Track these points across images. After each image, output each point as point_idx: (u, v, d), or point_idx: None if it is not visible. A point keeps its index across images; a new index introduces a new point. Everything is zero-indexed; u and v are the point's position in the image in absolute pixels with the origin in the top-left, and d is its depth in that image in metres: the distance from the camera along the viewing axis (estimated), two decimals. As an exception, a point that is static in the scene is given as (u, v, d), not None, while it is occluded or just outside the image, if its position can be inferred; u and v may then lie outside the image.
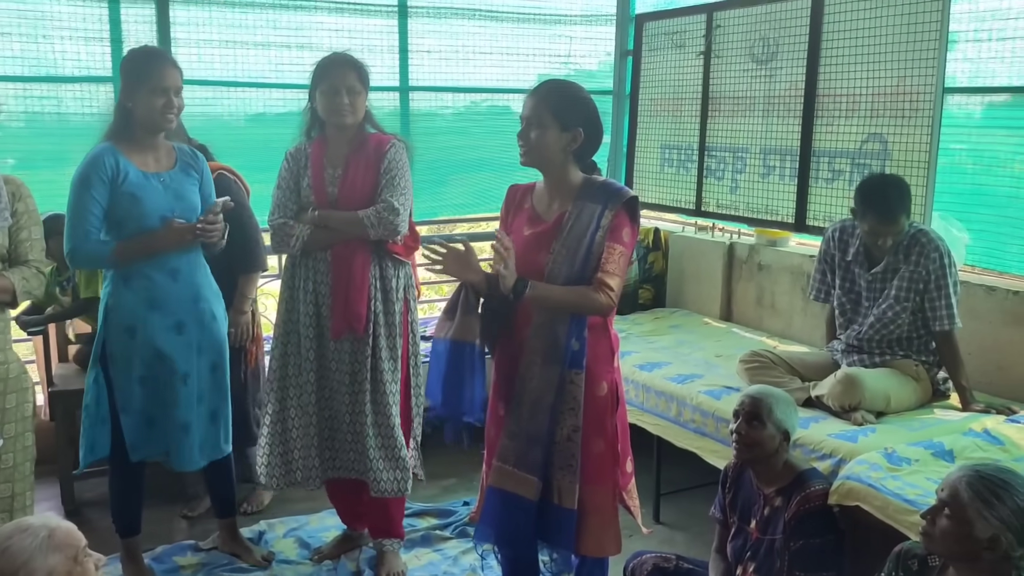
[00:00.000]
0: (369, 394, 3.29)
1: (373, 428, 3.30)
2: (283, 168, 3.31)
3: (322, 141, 3.28)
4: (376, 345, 3.29)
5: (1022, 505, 2.01)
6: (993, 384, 3.62)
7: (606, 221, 2.61)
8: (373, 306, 3.27)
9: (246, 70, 4.68)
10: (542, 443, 2.64)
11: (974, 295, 3.69)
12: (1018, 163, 3.78)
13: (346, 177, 3.23)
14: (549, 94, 2.64)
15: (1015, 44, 3.75)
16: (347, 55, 3.23)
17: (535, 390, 2.64)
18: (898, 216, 3.39)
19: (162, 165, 3.18)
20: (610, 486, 2.75)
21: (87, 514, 4.02)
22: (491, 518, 2.74)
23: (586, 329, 2.64)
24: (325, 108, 3.18)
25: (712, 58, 4.85)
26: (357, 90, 3.18)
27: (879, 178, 3.53)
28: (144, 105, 3.05)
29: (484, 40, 5.29)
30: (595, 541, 2.73)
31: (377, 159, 3.24)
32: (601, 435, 2.71)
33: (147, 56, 3.15)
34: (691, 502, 4.08)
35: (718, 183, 4.89)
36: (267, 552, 3.62)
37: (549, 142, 2.63)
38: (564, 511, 2.66)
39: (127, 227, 3.07)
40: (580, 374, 2.63)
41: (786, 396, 2.88)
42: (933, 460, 2.85)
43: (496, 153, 5.43)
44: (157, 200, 3.09)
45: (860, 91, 4.05)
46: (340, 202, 3.22)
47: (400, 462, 3.33)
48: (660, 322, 4.86)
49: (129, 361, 3.15)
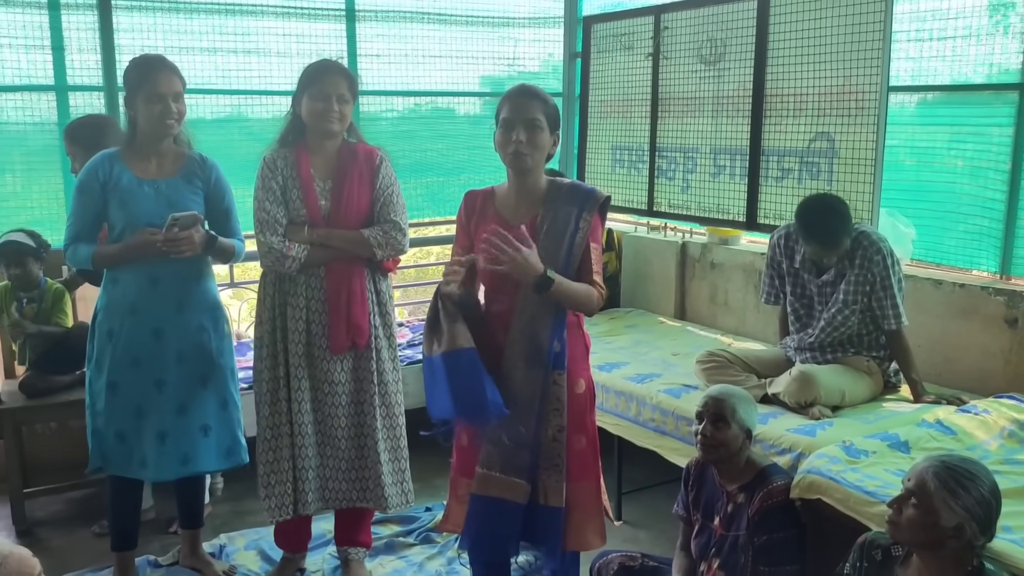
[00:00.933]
0: (378, 409, 3.26)
1: (383, 443, 3.27)
2: (264, 177, 3.18)
3: (304, 150, 3.20)
4: (379, 358, 3.26)
5: (986, 495, 2.07)
6: (942, 375, 3.71)
7: (584, 223, 2.64)
8: (372, 319, 3.24)
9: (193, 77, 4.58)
10: (529, 446, 2.64)
11: (921, 289, 3.78)
12: (953, 158, 3.89)
13: (339, 190, 3.18)
14: (539, 95, 2.65)
15: (955, 43, 3.86)
16: (338, 63, 3.19)
17: (519, 394, 2.64)
18: (840, 241, 3.44)
19: (164, 172, 3.16)
20: (594, 481, 2.78)
21: (39, 534, 3.94)
22: (479, 526, 2.72)
23: (566, 329, 2.66)
24: (313, 114, 3.11)
25: (661, 59, 4.89)
26: (347, 99, 3.14)
27: (820, 205, 3.49)
28: (143, 113, 3.07)
29: (432, 44, 5.29)
30: (580, 536, 2.75)
31: (370, 173, 3.22)
32: (582, 432, 2.73)
33: (142, 64, 3.12)
34: (653, 500, 4.12)
35: (669, 183, 4.94)
36: (228, 566, 3.57)
37: (545, 144, 2.66)
38: (551, 510, 2.66)
39: (117, 230, 3.14)
40: (563, 374, 2.65)
41: (746, 394, 2.92)
42: (890, 451, 2.92)
43: (441, 156, 5.44)
44: (146, 207, 3.09)
45: (807, 91, 4.12)
46: (332, 215, 3.17)
47: (405, 474, 3.33)
48: (616, 322, 4.90)
49: (102, 364, 3.15)
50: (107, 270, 3.19)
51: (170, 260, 3.08)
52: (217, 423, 3.26)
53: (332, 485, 3.28)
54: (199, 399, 3.22)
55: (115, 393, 3.15)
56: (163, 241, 3.00)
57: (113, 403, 3.16)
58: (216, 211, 3.26)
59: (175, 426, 3.17)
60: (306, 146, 3.20)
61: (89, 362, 3.24)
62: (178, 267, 3.13)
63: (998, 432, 3.06)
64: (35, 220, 4.37)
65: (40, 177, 4.42)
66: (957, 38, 3.84)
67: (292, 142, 3.22)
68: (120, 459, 3.19)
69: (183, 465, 3.21)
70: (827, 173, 4.04)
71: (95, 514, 4.00)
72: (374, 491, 3.28)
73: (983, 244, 3.78)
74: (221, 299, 3.38)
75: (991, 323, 3.59)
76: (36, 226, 4.22)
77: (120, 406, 3.15)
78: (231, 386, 3.30)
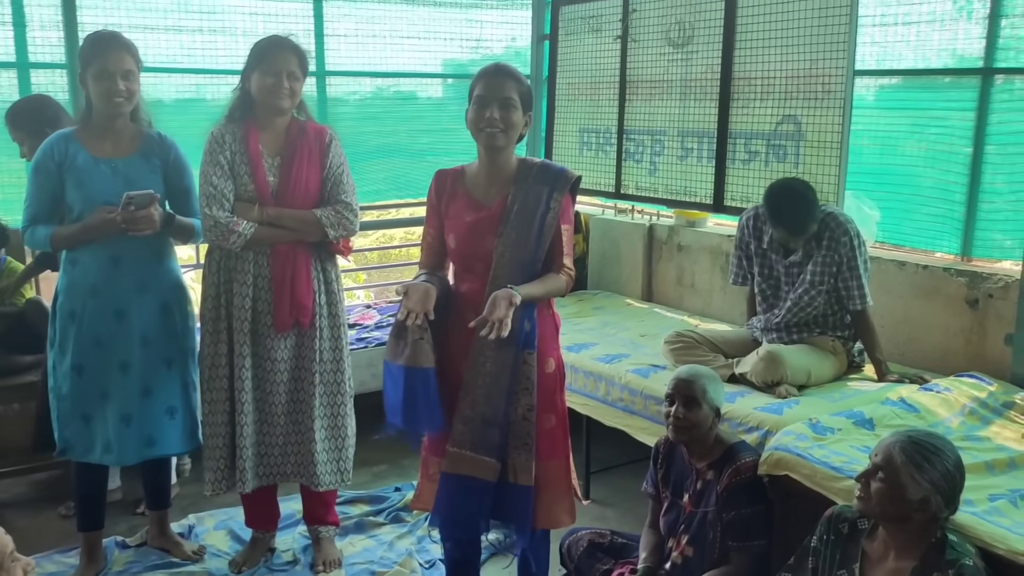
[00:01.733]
0: (317, 387, 3.25)
1: (320, 421, 3.26)
2: (212, 151, 3.11)
3: (253, 126, 3.16)
4: (322, 337, 3.24)
5: (951, 469, 2.12)
6: (905, 355, 3.78)
7: (555, 204, 2.66)
8: (318, 299, 3.23)
9: (157, 55, 4.55)
10: (499, 424, 2.66)
11: (885, 270, 3.85)
12: (916, 142, 3.95)
13: (287, 167, 3.14)
14: (513, 74, 2.66)
15: (919, 28, 3.91)
16: (289, 39, 3.14)
17: (489, 373, 2.65)
18: (806, 227, 3.49)
19: (121, 151, 3.12)
20: (563, 459, 2.81)
21: (3, 515, 3.89)
22: (449, 503, 2.74)
23: (535, 309, 2.68)
24: (262, 90, 3.07)
25: (629, 42, 4.91)
26: (297, 76, 3.10)
27: (787, 190, 3.52)
28: (93, 90, 3.04)
29: (400, 24, 5.25)
30: (549, 514, 2.78)
31: (320, 151, 3.19)
32: (552, 411, 2.76)
33: (94, 40, 3.07)
34: (620, 479, 4.17)
35: (637, 166, 4.96)
36: (198, 546, 3.55)
37: (517, 123, 2.67)
38: (521, 488, 2.68)
39: (75, 211, 3.09)
40: (533, 354, 2.67)
41: (713, 373, 2.96)
42: (855, 428, 2.97)
43: (406, 139, 5.41)
44: (102, 186, 3.05)
45: (774, 74, 4.15)
46: (280, 192, 3.14)
47: (343, 453, 3.32)
48: (584, 304, 4.93)
49: (65, 346, 3.12)
50: (67, 251, 3.15)
51: (130, 240, 3.05)
52: (182, 405, 3.25)
53: (268, 460, 3.28)
54: (164, 381, 3.20)
55: (81, 375, 3.12)
56: (121, 219, 2.97)
57: (79, 385, 3.13)
58: (175, 190, 3.22)
59: (140, 409, 3.15)
60: (255, 122, 3.16)
61: (52, 345, 3.20)
62: (139, 247, 3.10)
63: (959, 410, 3.13)
64: (-6, 201, 4.31)
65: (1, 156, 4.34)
66: (921, 23, 3.89)
67: (240, 118, 3.17)
68: (84, 444, 3.17)
69: (147, 447, 3.19)
70: (793, 156, 4.08)
71: (60, 496, 3.97)
72: (307, 467, 3.27)
73: (945, 226, 3.85)
74: (184, 280, 3.34)
75: (953, 304, 3.66)
76: (-4, 207, 4.16)
77: (86, 388, 3.13)
78: (192, 368, 3.29)
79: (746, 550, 2.75)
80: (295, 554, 3.53)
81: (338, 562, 3.45)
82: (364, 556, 3.53)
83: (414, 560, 3.49)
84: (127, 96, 3.06)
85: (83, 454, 3.18)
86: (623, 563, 3.04)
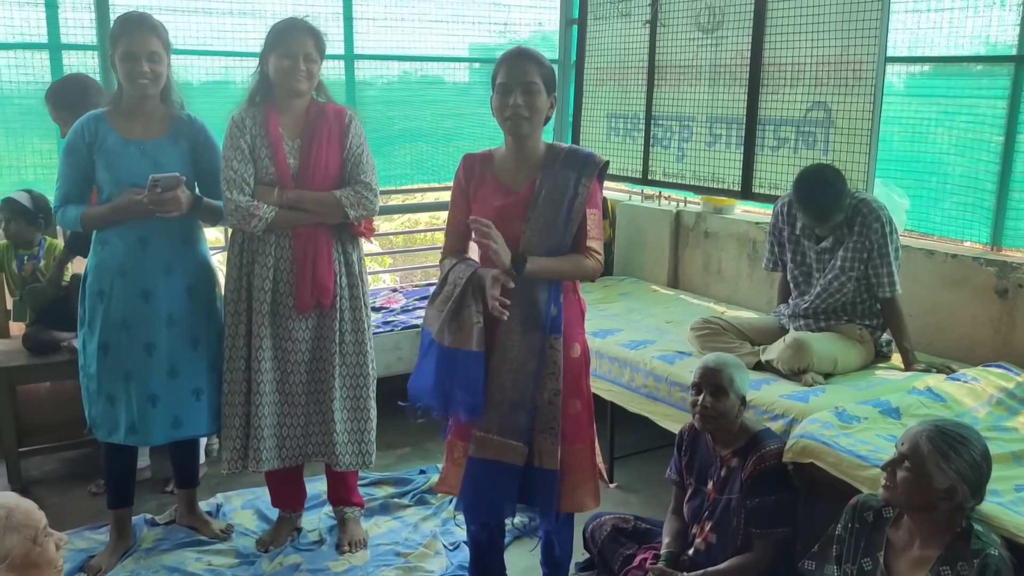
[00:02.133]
0: (337, 368, 3.27)
1: (340, 402, 3.29)
2: (232, 135, 3.13)
3: (272, 109, 3.17)
4: (343, 319, 3.26)
5: (977, 459, 2.12)
6: (933, 345, 3.76)
7: (583, 189, 2.66)
8: (339, 281, 3.25)
9: (187, 37, 4.58)
10: (526, 408, 2.68)
11: (914, 259, 3.82)
12: (947, 130, 3.91)
13: (307, 149, 3.15)
14: (536, 58, 2.65)
15: (952, 15, 3.87)
16: (305, 21, 3.14)
17: (516, 358, 2.67)
18: (831, 216, 3.47)
19: (151, 133, 3.15)
20: (588, 444, 2.82)
21: (35, 492, 3.94)
22: (474, 487, 2.76)
23: (562, 294, 2.69)
24: (279, 73, 3.08)
25: (658, 27, 4.88)
26: (314, 58, 3.11)
27: (815, 178, 3.50)
28: (120, 72, 3.06)
29: (428, 7, 5.25)
30: (575, 498, 2.79)
31: (340, 132, 3.19)
32: (577, 395, 2.77)
33: (121, 22, 3.09)
34: (643, 465, 4.17)
35: (664, 152, 4.95)
36: (225, 525, 3.60)
37: (543, 107, 2.66)
38: (546, 472, 2.70)
39: (104, 191, 3.13)
40: (559, 339, 2.68)
41: (738, 361, 2.95)
42: (881, 417, 2.96)
43: (431, 123, 5.42)
44: (131, 167, 3.08)
45: (804, 60, 4.12)
46: (301, 174, 3.15)
47: (365, 435, 3.34)
48: (609, 290, 4.92)
49: (94, 325, 3.16)
50: (96, 232, 3.18)
51: (158, 222, 3.07)
52: (209, 386, 3.27)
53: (290, 442, 3.31)
54: (191, 362, 3.22)
55: (106, 355, 3.16)
56: (148, 201, 2.99)
57: (104, 365, 3.17)
58: (204, 172, 3.24)
59: (167, 389, 3.18)
60: (275, 105, 3.17)
61: (82, 324, 3.24)
62: (167, 229, 3.13)
63: (986, 400, 3.11)
64: (27, 181, 4.35)
65: (33, 137, 4.39)
66: (955, 10, 3.85)
67: (260, 102, 3.19)
68: (109, 424, 3.20)
69: (174, 429, 3.23)
70: (823, 143, 4.05)
71: (90, 473, 4.03)
72: (327, 447, 3.30)
73: (975, 215, 3.81)
74: (212, 262, 3.37)
75: (981, 293, 3.63)
76: (27, 185, 4.20)
77: (110, 368, 3.16)
78: (219, 349, 3.31)
79: (769, 537, 2.76)
80: (321, 534, 3.56)
81: (363, 543, 3.49)
82: (389, 537, 3.56)
83: (438, 542, 3.51)
84: (152, 78, 3.06)
85: (108, 434, 3.22)
86: (646, 548, 3.05)
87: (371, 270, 7.28)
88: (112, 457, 3.34)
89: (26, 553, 1.96)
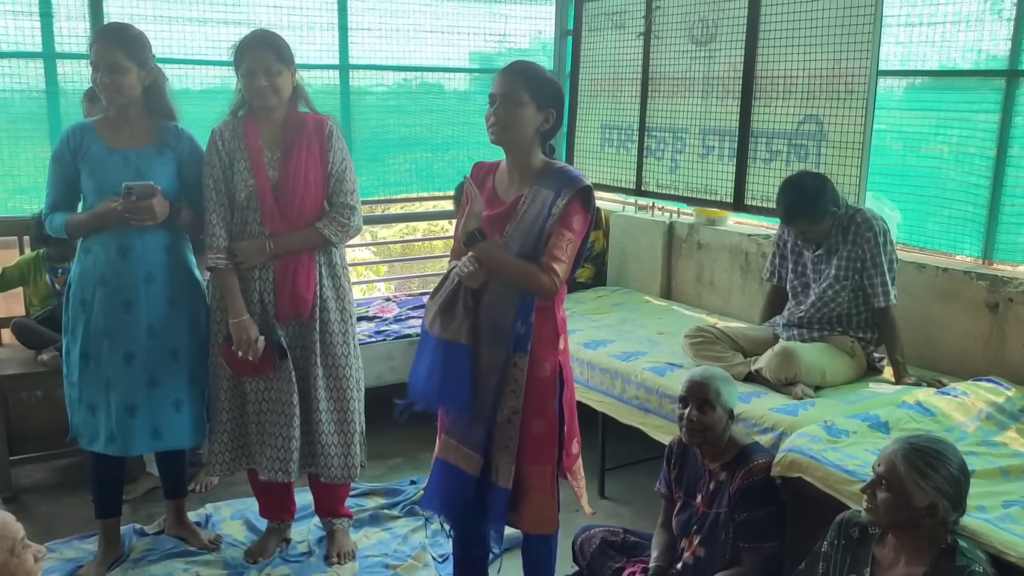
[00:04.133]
0: (322, 379, 3.26)
1: (326, 414, 3.28)
2: (209, 150, 3.15)
3: (252, 122, 3.17)
4: (327, 330, 3.26)
5: (955, 473, 2.12)
6: (924, 358, 3.76)
7: (557, 209, 2.61)
8: (321, 291, 3.24)
9: (182, 47, 4.59)
10: (484, 421, 2.69)
11: (905, 272, 3.81)
12: (939, 143, 3.92)
13: (287, 160, 3.14)
14: (524, 72, 2.63)
15: (944, 29, 3.88)
16: (263, 33, 3.12)
17: (480, 370, 2.68)
18: (805, 214, 3.50)
19: (136, 142, 3.15)
20: (549, 466, 2.76)
21: (25, 500, 3.96)
22: (436, 488, 2.82)
23: (533, 312, 2.66)
24: (246, 90, 3.10)
25: (652, 39, 4.90)
26: (276, 70, 3.06)
27: (793, 179, 3.58)
28: (94, 82, 3.08)
29: (424, 18, 5.27)
30: (533, 518, 2.78)
31: (320, 142, 3.18)
32: (541, 416, 2.72)
33: (95, 33, 3.14)
34: (635, 476, 4.17)
35: (658, 163, 4.95)
36: (214, 535, 3.60)
37: (525, 120, 2.62)
38: (499, 489, 2.71)
39: (88, 199, 3.15)
40: (524, 357, 2.65)
41: (726, 374, 2.95)
42: (870, 432, 2.96)
43: (429, 132, 5.42)
44: (114, 175, 3.08)
45: (797, 73, 4.13)
46: (280, 186, 3.14)
47: (352, 447, 3.32)
48: (602, 300, 4.93)
49: (76, 334, 3.17)
50: (81, 240, 3.19)
51: (140, 231, 3.09)
52: (189, 398, 3.26)
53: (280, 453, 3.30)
54: (171, 373, 3.21)
55: (87, 364, 3.16)
56: (122, 209, 3.00)
57: (85, 374, 3.17)
58: (190, 182, 3.23)
59: (146, 400, 3.17)
60: (255, 118, 3.18)
61: (66, 332, 3.24)
62: (149, 239, 3.14)
63: (976, 414, 3.11)
64: (22, 188, 4.38)
65: (27, 145, 4.40)
66: (947, 23, 3.86)
67: (242, 115, 3.21)
68: (89, 433, 3.20)
69: (154, 440, 3.22)
70: (815, 155, 4.06)
71: (81, 482, 4.01)
72: (313, 458, 3.30)
73: (967, 229, 3.81)
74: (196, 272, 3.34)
75: (972, 307, 3.63)
76: (21, 194, 4.22)
77: (91, 377, 3.16)
78: (201, 361, 3.30)
79: (758, 551, 2.76)
80: (310, 545, 3.56)
81: (352, 554, 3.48)
82: (378, 549, 3.56)
83: (427, 554, 3.51)
84: (115, 89, 3.05)
85: (89, 443, 3.22)
86: (635, 561, 3.05)
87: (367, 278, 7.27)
88: (97, 466, 3.33)
89: (3, 564, 1.96)
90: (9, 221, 4.31)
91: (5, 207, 4.38)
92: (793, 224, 3.59)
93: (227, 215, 3.17)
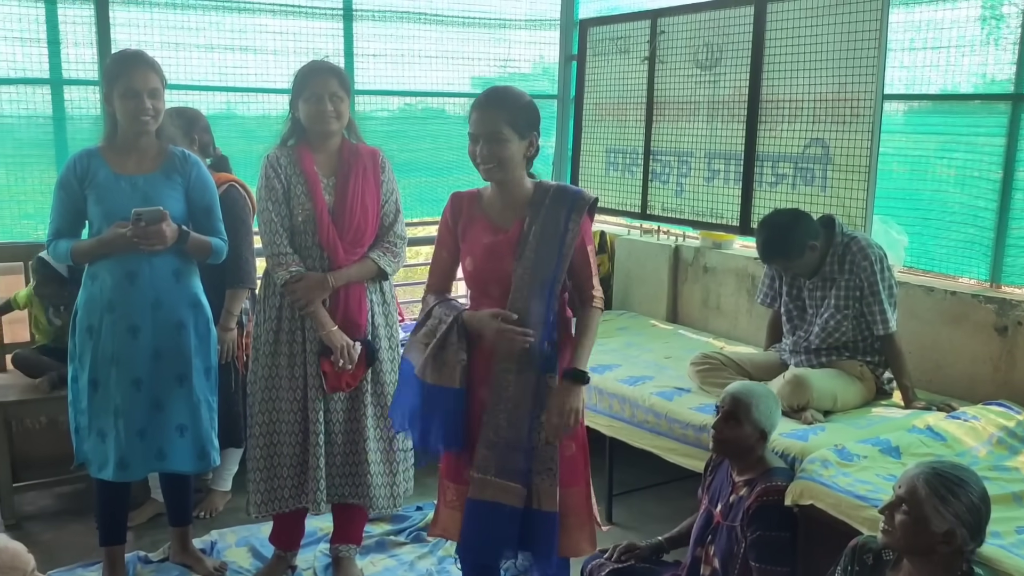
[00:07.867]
0: (371, 407, 3.26)
1: (375, 443, 3.27)
2: (267, 175, 3.17)
3: (307, 149, 3.20)
4: (377, 357, 3.27)
5: (976, 501, 2.09)
6: (933, 382, 3.74)
7: (574, 224, 2.65)
8: (372, 318, 3.25)
9: (188, 73, 4.61)
10: (523, 449, 2.64)
11: (913, 296, 3.81)
12: (945, 167, 3.92)
13: (343, 185, 3.18)
14: (499, 105, 2.62)
15: (948, 53, 3.89)
16: (327, 62, 3.18)
17: (512, 398, 2.64)
18: (789, 261, 3.56)
19: (143, 168, 3.16)
20: (583, 487, 2.78)
21: (28, 528, 3.92)
22: (474, 532, 2.70)
23: (556, 330, 2.67)
24: (309, 116, 3.12)
25: (657, 63, 4.91)
26: (340, 96, 3.13)
27: (763, 231, 3.60)
28: (119, 109, 3.07)
29: (428, 44, 5.29)
30: (572, 542, 2.76)
31: (374, 170, 3.24)
32: (572, 437, 2.73)
33: (120, 59, 3.12)
34: (642, 502, 4.14)
35: (663, 187, 4.96)
36: (219, 562, 3.56)
37: (513, 154, 2.63)
38: (546, 515, 2.66)
39: (95, 225, 3.15)
40: (554, 377, 2.66)
41: (769, 393, 2.94)
42: (881, 456, 2.94)
43: (431, 156, 5.43)
44: (121, 201, 3.08)
45: (802, 97, 4.14)
46: (337, 211, 3.17)
47: (396, 477, 3.34)
48: (608, 324, 4.91)
49: (84, 361, 3.15)
50: (87, 266, 3.18)
51: (147, 256, 3.08)
52: (193, 424, 3.24)
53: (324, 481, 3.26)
54: (176, 398, 3.20)
55: (96, 391, 3.15)
56: (132, 234, 3.00)
57: (95, 401, 3.15)
58: (196, 208, 3.24)
59: (152, 423, 3.16)
60: (308, 146, 3.21)
61: (72, 359, 3.22)
62: (156, 264, 3.13)
63: (987, 439, 3.09)
64: (27, 214, 4.37)
65: (33, 171, 4.40)
66: (951, 48, 3.87)
67: (293, 144, 3.23)
68: (99, 460, 3.18)
69: (158, 460, 3.21)
70: (821, 179, 4.07)
71: (85, 509, 3.99)
72: (361, 488, 3.28)
73: (974, 252, 3.81)
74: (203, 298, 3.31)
75: (981, 330, 3.62)
76: (27, 219, 4.22)
77: (100, 404, 3.15)
78: (207, 387, 3.28)
79: (768, 573, 2.73)
80: (316, 572, 3.52)
81: (359, 581, 3.45)
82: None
83: (434, 581, 3.48)
84: (154, 115, 3.09)
85: (98, 470, 3.19)
86: (646, 589, 3.02)
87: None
88: (103, 494, 3.30)
89: (15, 594, 1.94)
90: (14, 247, 4.30)
91: (11, 233, 4.38)
92: (772, 263, 3.67)
93: (289, 236, 3.18)
